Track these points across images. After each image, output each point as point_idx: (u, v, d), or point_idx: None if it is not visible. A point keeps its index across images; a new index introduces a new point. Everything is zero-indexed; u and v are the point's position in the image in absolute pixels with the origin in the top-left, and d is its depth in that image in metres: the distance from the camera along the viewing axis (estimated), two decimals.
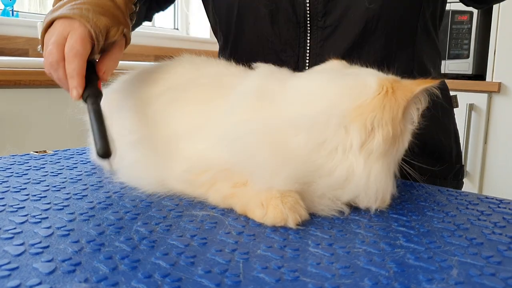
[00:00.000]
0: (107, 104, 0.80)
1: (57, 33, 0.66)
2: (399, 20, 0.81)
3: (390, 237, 0.52)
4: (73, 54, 0.64)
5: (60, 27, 0.66)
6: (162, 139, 0.66)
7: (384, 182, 0.58)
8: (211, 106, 0.65)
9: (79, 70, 0.65)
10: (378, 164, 0.57)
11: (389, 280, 0.41)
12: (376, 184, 0.57)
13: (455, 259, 0.46)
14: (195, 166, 0.61)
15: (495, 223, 0.57)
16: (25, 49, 2.11)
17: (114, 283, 0.39)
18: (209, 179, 0.60)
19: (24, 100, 1.67)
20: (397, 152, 0.59)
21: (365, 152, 0.56)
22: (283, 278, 0.41)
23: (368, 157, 0.57)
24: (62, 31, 0.66)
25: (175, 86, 0.71)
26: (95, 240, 0.48)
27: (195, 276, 0.41)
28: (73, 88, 0.65)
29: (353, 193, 0.57)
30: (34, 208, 0.58)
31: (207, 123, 0.63)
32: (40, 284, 0.39)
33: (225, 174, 0.59)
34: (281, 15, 0.82)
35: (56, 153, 0.91)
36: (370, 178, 0.57)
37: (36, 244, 0.47)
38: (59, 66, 0.66)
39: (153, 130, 0.67)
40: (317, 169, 0.57)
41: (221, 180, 0.60)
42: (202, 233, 0.51)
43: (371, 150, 0.56)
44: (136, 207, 0.59)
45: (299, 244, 0.49)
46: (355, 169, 0.57)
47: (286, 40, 0.83)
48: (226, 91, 0.65)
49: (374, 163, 0.57)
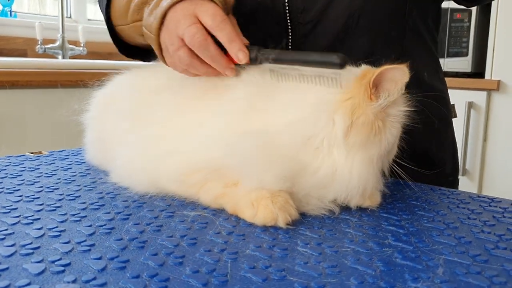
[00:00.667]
0: (100, 105, 0.81)
1: (184, 16, 0.62)
2: (383, 16, 0.80)
3: (379, 236, 0.52)
4: (220, 20, 0.61)
5: (183, 11, 0.62)
6: (154, 139, 0.66)
7: (367, 177, 0.58)
8: (202, 107, 0.65)
9: (236, 31, 0.62)
10: (360, 156, 0.57)
11: (375, 279, 0.42)
12: (358, 178, 0.57)
13: (442, 258, 0.47)
14: (186, 166, 0.61)
15: (484, 221, 0.58)
16: (23, 49, 2.12)
17: (102, 283, 0.40)
18: (200, 179, 0.60)
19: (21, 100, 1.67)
20: (382, 148, 0.59)
21: (347, 144, 0.57)
22: (270, 278, 0.42)
23: (350, 149, 0.57)
24: (188, 12, 0.62)
25: (167, 87, 0.72)
26: (85, 240, 0.49)
27: (183, 276, 0.41)
28: (238, 51, 0.61)
29: (337, 191, 0.58)
30: (27, 209, 0.58)
31: (198, 124, 0.63)
32: (29, 284, 0.39)
33: (216, 174, 0.59)
34: (261, 10, 0.81)
35: (51, 154, 0.91)
36: (352, 172, 0.57)
37: (27, 245, 0.47)
38: (208, 43, 0.61)
39: (145, 130, 0.68)
40: (304, 167, 0.57)
41: (212, 180, 0.60)
42: (192, 233, 0.52)
43: (353, 140, 0.57)
44: (128, 207, 0.60)
45: (288, 244, 0.49)
46: (338, 164, 0.57)
47: (268, 36, 0.82)
48: (218, 92, 0.66)
49: (355, 154, 0.57)
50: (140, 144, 0.68)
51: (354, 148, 0.58)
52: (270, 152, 0.57)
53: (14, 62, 1.71)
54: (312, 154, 0.58)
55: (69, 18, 2.40)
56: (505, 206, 0.64)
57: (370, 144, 0.58)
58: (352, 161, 0.58)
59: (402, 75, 0.56)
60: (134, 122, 0.70)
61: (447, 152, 0.92)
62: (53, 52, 2.13)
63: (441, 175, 0.88)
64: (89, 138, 0.82)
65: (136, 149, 0.68)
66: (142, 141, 0.68)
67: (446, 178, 0.90)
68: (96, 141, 0.80)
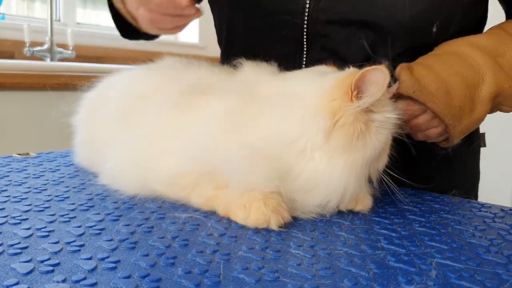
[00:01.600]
0: (89, 107, 0.80)
1: None
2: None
3: (372, 239, 0.52)
4: None
5: None
6: (144, 142, 0.65)
7: (347, 182, 0.57)
8: (192, 111, 0.65)
9: None
10: (342, 160, 0.57)
11: (368, 281, 0.42)
12: (338, 183, 0.57)
13: (435, 261, 0.47)
14: (176, 168, 0.61)
15: (475, 226, 0.58)
16: (11, 51, 2.09)
17: (92, 283, 0.39)
18: (191, 181, 0.60)
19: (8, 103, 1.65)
20: (367, 153, 0.58)
21: (329, 147, 0.57)
22: (263, 279, 0.41)
23: (332, 152, 0.57)
24: None
25: (158, 90, 0.71)
26: (75, 241, 0.48)
27: (175, 277, 0.41)
28: None
29: (319, 195, 0.57)
30: (14, 209, 0.57)
31: (187, 127, 0.63)
32: (17, 284, 0.38)
33: (207, 176, 0.59)
34: (277, 30, 0.81)
35: (39, 156, 0.90)
36: (333, 176, 0.57)
37: (14, 244, 0.46)
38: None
39: (135, 132, 0.67)
40: (289, 171, 0.57)
41: (203, 183, 0.59)
42: (183, 234, 0.51)
43: (335, 144, 0.57)
44: (118, 209, 0.59)
45: (280, 246, 0.49)
46: (319, 168, 0.57)
47: (282, 55, 0.80)
48: (207, 97, 0.65)
49: (337, 158, 0.57)
50: (131, 146, 0.67)
51: (336, 152, 0.57)
52: (257, 154, 0.56)
53: (2, 64, 1.69)
54: (296, 158, 0.57)
55: (58, 22, 2.38)
56: (495, 211, 0.65)
57: (353, 148, 0.57)
58: (334, 165, 0.57)
59: (383, 76, 0.55)
60: (124, 125, 0.70)
61: (469, 183, 0.89)
62: (41, 54, 2.11)
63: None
64: (79, 140, 0.81)
65: (126, 151, 0.67)
66: (132, 143, 0.67)
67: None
68: (85, 143, 0.79)
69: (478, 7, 0.77)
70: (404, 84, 0.67)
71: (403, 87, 0.67)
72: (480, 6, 0.77)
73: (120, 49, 2.47)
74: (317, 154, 0.57)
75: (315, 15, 0.76)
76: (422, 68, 0.68)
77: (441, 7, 0.71)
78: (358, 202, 0.62)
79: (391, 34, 0.72)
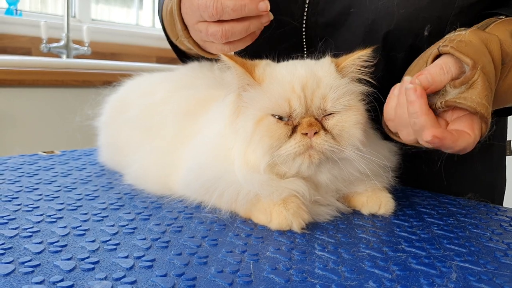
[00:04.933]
0: (112, 110, 0.83)
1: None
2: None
3: (393, 242, 0.54)
4: None
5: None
6: (164, 149, 0.68)
7: (240, 164, 0.60)
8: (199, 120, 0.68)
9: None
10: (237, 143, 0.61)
11: (392, 282, 0.44)
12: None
13: (454, 263, 0.49)
14: (197, 174, 0.63)
15: (492, 230, 0.60)
16: (28, 48, 2.12)
17: (132, 281, 0.41)
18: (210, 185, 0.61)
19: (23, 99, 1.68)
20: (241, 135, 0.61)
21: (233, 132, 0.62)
22: (292, 279, 0.43)
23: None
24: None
25: (175, 96, 0.74)
26: (110, 239, 0.50)
27: (209, 275, 0.43)
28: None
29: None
30: (49, 208, 0.60)
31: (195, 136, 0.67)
32: (62, 280, 0.40)
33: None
34: (278, 32, 0.82)
35: (63, 154, 0.93)
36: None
37: (54, 242, 0.48)
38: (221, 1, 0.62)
39: (156, 139, 0.70)
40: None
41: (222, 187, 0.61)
42: (212, 234, 0.53)
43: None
44: (148, 208, 0.61)
45: (305, 247, 0.51)
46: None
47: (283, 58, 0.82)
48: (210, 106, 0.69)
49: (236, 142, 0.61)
50: (152, 152, 0.70)
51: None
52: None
53: (21, 61, 1.72)
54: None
55: (74, 18, 2.41)
56: (511, 215, 0.67)
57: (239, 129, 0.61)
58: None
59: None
60: (145, 131, 0.73)
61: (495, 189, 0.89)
62: (57, 51, 2.14)
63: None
64: (103, 142, 0.84)
65: (149, 157, 0.70)
66: (154, 150, 0.70)
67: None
68: (109, 145, 0.82)
69: (475, 11, 0.72)
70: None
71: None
72: (478, 10, 0.72)
73: (135, 45, 2.50)
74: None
75: (313, 18, 0.77)
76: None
77: (431, 10, 0.70)
78: (381, 205, 0.63)
79: (385, 37, 0.73)
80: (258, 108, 0.59)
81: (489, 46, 0.57)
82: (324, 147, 0.57)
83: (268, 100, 0.59)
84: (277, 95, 0.59)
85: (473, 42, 0.56)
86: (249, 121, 0.60)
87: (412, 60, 0.68)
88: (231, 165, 0.60)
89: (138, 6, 2.78)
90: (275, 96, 0.59)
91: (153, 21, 2.82)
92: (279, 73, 0.61)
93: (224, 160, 0.61)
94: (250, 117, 0.60)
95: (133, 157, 0.72)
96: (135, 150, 0.72)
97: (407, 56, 0.72)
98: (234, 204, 0.59)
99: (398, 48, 0.73)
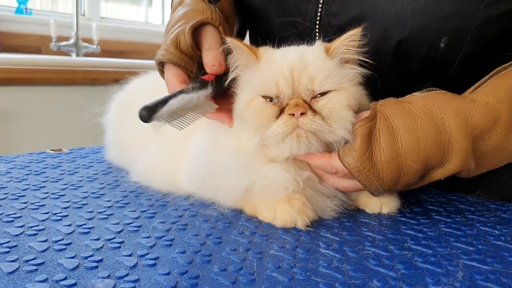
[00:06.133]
0: (118, 108, 0.83)
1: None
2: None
3: (399, 240, 0.53)
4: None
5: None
6: (170, 148, 0.68)
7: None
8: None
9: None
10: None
11: (397, 281, 0.43)
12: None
13: (461, 262, 0.48)
14: (199, 161, 0.63)
15: (501, 228, 0.59)
16: (38, 46, 2.14)
17: (135, 279, 0.41)
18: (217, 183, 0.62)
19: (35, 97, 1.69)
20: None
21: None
22: (295, 278, 0.43)
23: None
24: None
25: None
26: (114, 238, 0.50)
27: (212, 274, 0.43)
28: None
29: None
30: (54, 206, 0.60)
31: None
32: (65, 279, 0.41)
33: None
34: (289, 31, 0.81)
35: (71, 152, 0.93)
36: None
37: (59, 241, 0.49)
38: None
39: (161, 139, 0.70)
40: None
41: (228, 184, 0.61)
42: (216, 232, 0.53)
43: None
44: (153, 206, 0.62)
45: (310, 245, 0.51)
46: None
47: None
48: None
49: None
50: (159, 151, 0.70)
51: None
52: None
53: (32, 60, 1.74)
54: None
55: (83, 16, 2.42)
56: None
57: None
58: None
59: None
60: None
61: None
62: (67, 49, 2.15)
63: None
64: (110, 140, 0.85)
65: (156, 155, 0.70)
66: (160, 149, 0.70)
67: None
68: (116, 143, 0.83)
69: (500, 25, 0.68)
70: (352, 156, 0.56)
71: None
72: (503, 22, 0.68)
73: (144, 43, 2.50)
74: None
75: (327, 19, 0.76)
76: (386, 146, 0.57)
77: (449, 21, 0.67)
78: (383, 206, 0.63)
79: (398, 45, 0.71)
80: (250, 89, 0.60)
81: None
82: (312, 127, 0.56)
83: (259, 81, 0.60)
84: (266, 77, 0.59)
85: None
86: (242, 102, 0.61)
87: (427, 72, 0.68)
88: (229, 152, 0.61)
89: (148, 4, 2.79)
90: (265, 78, 0.59)
91: (163, 18, 2.82)
92: (273, 56, 0.61)
93: (224, 147, 0.62)
94: (243, 97, 0.61)
95: (140, 155, 0.72)
96: (141, 148, 0.73)
97: (421, 67, 0.70)
98: (229, 194, 0.60)
99: (411, 58, 0.72)
